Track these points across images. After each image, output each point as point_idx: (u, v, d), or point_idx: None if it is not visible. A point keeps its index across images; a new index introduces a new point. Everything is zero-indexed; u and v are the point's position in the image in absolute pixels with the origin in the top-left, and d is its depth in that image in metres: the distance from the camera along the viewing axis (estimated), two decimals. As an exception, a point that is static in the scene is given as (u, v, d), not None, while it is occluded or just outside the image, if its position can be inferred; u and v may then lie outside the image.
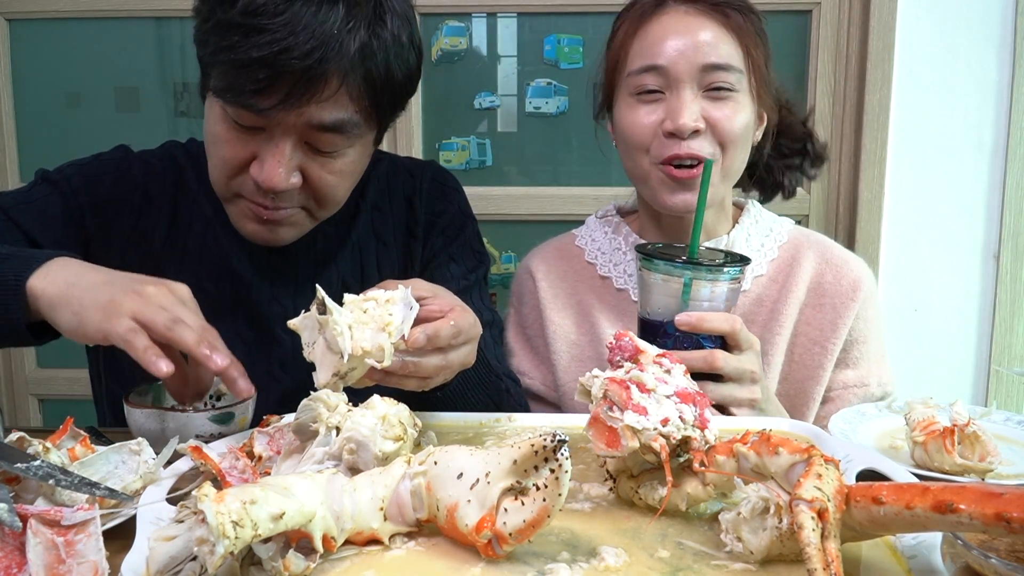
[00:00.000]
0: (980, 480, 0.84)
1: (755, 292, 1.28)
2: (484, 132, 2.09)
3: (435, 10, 2.02)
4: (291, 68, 0.95)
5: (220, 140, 1.04)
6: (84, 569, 0.64)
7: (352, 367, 0.83)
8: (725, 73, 1.15)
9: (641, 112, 1.18)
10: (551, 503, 0.64)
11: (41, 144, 2.14)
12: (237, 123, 1.02)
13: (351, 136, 1.04)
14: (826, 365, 1.25)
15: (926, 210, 1.96)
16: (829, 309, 1.26)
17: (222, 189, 1.10)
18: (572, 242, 1.39)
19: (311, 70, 0.95)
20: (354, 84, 1.00)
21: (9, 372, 2.25)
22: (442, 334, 0.88)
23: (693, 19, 1.16)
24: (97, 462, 0.81)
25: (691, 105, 1.14)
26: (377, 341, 0.83)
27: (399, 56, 1.03)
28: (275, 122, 1.00)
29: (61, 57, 2.12)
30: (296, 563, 0.63)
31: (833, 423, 0.99)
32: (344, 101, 1.00)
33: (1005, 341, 1.98)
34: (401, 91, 1.07)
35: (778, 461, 0.66)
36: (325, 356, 0.84)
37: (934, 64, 1.92)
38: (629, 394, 0.75)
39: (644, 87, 1.17)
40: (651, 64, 1.16)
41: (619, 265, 1.33)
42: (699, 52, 1.14)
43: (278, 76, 0.95)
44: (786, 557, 0.66)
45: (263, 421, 0.88)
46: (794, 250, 1.30)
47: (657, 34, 1.17)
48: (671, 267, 1.00)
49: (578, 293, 1.33)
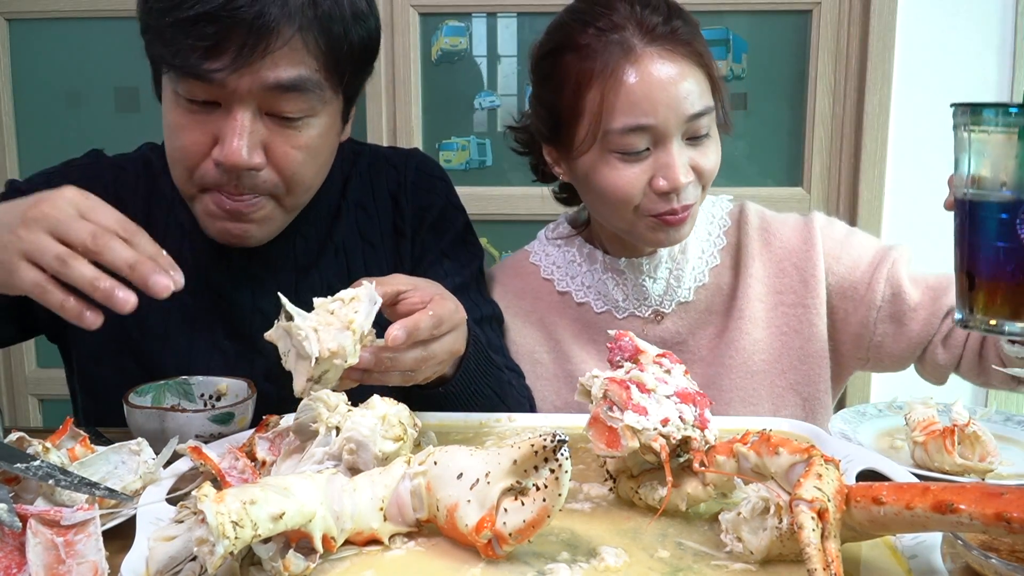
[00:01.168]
0: (980, 480, 0.84)
1: (719, 283, 1.25)
2: (484, 132, 2.09)
3: (435, 10, 2.03)
4: (238, 19, 0.90)
5: (177, 128, 0.99)
6: (84, 569, 0.64)
7: (324, 369, 0.82)
8: (707, 118, 1.12)
9: (627, 172, 1.10)
10: (551, 503, 0.64)
11: (41, 144, 2.14)
12: (191, 102, 0.97)
13: (312, 99, 0.99)
14: (816, 322, 1.22)
15: (926, 210, 1.96)
16: (791, 269, 1.24)
17: (185, 184, 1.03)
18: (526, 260, 1.33)
19: (259, 18, 0.91)
20: (308, 37, 0.95)
21: (9, 372, 2.25)
22: (422, 326, 0.85)
23: (669, 66, 1.09)
24: (97, 462, 0.81)
25: (681, 161, 1.10)
26: (340, 340, 0.82)
27: (353, 9, 0.99)
28: (230, 91, 0.95)
29: (61, 57, 2.12)
30: (296, 563, 0.63)
31: (833, 423, 0.99)
32: (299, 55, 0.96)
33: (1005, 341, 1.98)
34: (360, 51, 1.03)
35: (778, 461, 0.66)
36: (298, 363, 0.83)
37: (934, 64, 1.92)
38: (629, 394, 0.75)
39: (633, 148, 1.09)
40: (639, 124, 1.08)
41: (576, 278, 1.28)
42: (684, 104, 1.09)
43: (225, 31, 0.91)
44: (786, 557, 0.67)
45: (263, 422, 0.89)
46: (736, 231, 1.28)
47: (640, 90, 1.08)
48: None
49: (538, 311, 1.28)
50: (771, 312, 1.24)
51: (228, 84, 0.94)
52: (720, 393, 1.21)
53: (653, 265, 1.24)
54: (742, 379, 1.22)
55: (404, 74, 2.02)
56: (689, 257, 1.25)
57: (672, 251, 1.24)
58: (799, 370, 1.23)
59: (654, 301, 1.24)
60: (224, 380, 1.04)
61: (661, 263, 1.24)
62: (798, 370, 1.23)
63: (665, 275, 1.24)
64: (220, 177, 0.99)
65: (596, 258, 1.27)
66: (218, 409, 0.94)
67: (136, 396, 0.98)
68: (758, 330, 1.23)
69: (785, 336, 1.24)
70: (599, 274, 1.26)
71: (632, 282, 1.24)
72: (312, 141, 1.02)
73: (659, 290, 1.24)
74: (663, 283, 1.24)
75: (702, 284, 1.25)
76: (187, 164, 1.00)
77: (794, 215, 1.30)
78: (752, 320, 1.23)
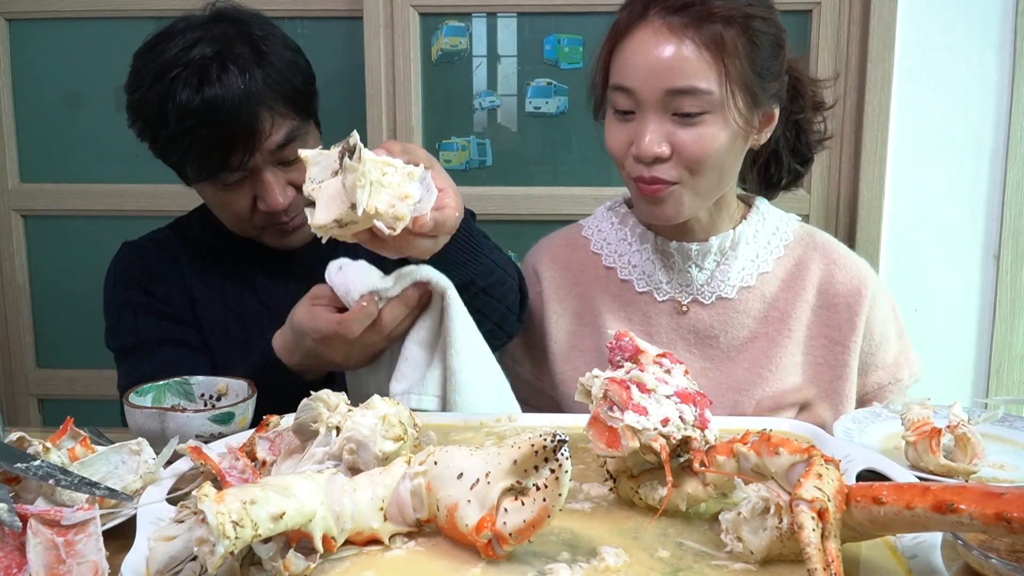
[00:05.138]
0: (965, 481, 0.84)
1: (764, 291, 1.28)
2: (484, 132, 2.08)
3: (435, 10, 2.02)
4: (235, 128, 1.17)
5: (223, 204, 1.28)
6: (84, 569, 0.64)
7: (354, 220, 0.84)
8: (691, 98, 1.11)
9: (616, 129, 1.18)
10: (551, 503, 0.64)
11: (41, 144, 2.14)
12: (227, 185, 1.24)
13: (303, 139, 1.26)
14: (850, 362, 1.26)
15: (926, 210, 1.96)
16: (843, 308, 1.27)
17: (247, 231, 1.31)
18: (579, 232, 1.39)
19: (248, 116, 1.18)
20: (277, 104, 1.22)
21: (9, 372, 2.24)
22: (447, 225, 0.95)
23: (668, 37, 1.11)
24: (97, 462, 0.81)
25: (654, 131, 1.12)
26: (392, 208, 0.85)
27: (288, 66, 1.25)
28: (250, 168, 1.22)
29: (61, 57, 2.12)
30: (296, 563, 0.63)
31: (840, 424, 0.99)
32: (280, 118, 1.22)
33: (1005, 341, 1.98)
34: (306, 86, 1.28)
35: (778, 461, 0.66)
36: (333, 199, 0.84)
37: (934, 64, 1.92)
38: (629, 394, 0.75)
39: (619, 106, 1.17)
40: (621, 85, 1.15)
41: (624, 256, 1.32)
42: (665, 76, 1.11)
43: (230, 139, 1.18)
44: (786, 557, 0.67)
45: (263, 422, 0.88)
46: (800, 251, 1.31)
47: (630, 52, 1.14)
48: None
49: (581, 284, 1.34)
50: (812, 341, 1.27)
51: (248, 165, 1.21)
52: (748, 400, 1.23)
53: (702, 253, 1.26)
54: (771, 397, 1.23)
55: (404, 74, 2.01)
56: (739, 255, 1.27)
57: (723, 244, 1.27)
58: (822, 402, 1.25)
59: (696, 289, 1.27)
60: (224, 380, 1.04)
61: (710, 253, 1.27)
62: (822, 402, 1.24)
63: (712, 267, 1.27)
64: (270, 218, 1.27)
65: (648, 239, 1.30)
66: (218, 409, 0.94)
67: (136, 396, 0.98)
68: (798, 354, 1.26)
69: (819, 367, 1.27)
70: (648, 254, 1.30)
71: (679, 267, 1.28)
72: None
73: (703, 279, 1.27)
74: (708, 273, 1.27)
75: (748, 286, 1.27)
76: (242, 222, 1.29)
77: (860, 258, 1.34)
78: (796, 343, 1.26)
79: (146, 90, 1.20)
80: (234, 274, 1.36)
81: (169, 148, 1.22)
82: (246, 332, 1.32)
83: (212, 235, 1.38)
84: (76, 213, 2.14)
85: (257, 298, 1.35)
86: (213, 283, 1.35)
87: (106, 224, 2.11)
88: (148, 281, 1.34)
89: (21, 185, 2.13)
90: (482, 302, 1.14)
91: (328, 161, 0.85)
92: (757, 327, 1.27)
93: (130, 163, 2.12)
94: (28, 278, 2.19)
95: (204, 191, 1.29)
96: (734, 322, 1.27)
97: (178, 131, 1.17)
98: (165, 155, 1.25)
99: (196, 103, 1.16)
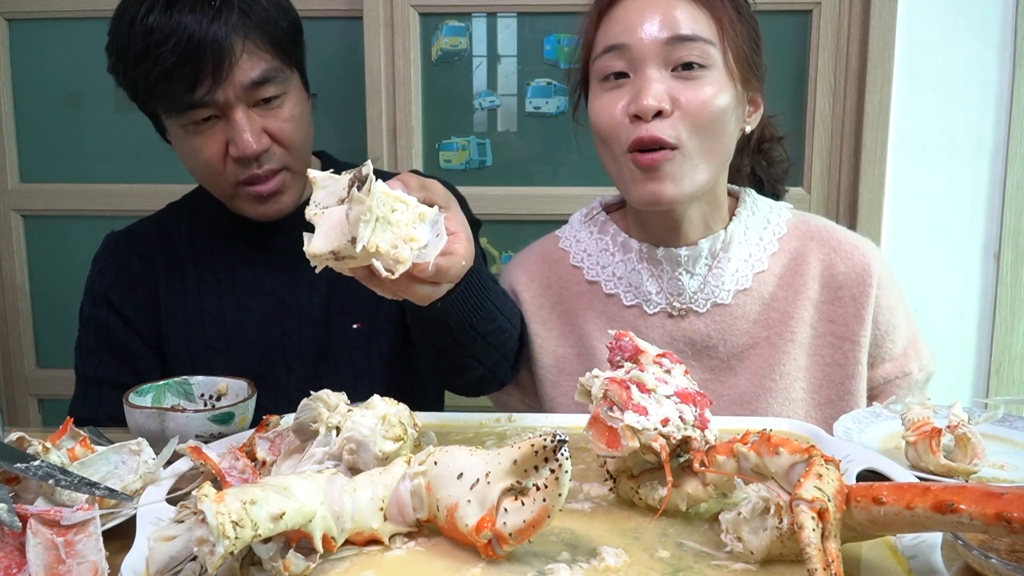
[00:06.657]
0: (965, 481, 0.84)
1: (762, 292, 1.19)
2: (484, 132, 2.08)
3: (435, 10, 2.02)
4: (203, 52, 1.12)
5: (195, 150, 1.20)
6: (84, 569, 0.64)
7: (352, 255, 0.78)
8: (692, 44, 1.06)
9: (607, 98, 1.10)
10: (551, 503, 0.64)
11: (41, 144, 2.14)
12: (196, 124, 1.17)
13: (280, 81, 1.20)
14: (861, 359, 1.18)
15: (926, 210, 1.96)
16: (849, 301, 1.18)
17: (221, 187, 1.24)
18: (556, 244, 1.29)
19: (216, 44, 1.12)
20: (255, 39, 1.16)
21: (9, 372, 2.25)
22: (451, 274, 0.91)
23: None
24: (97, 462, 0.81)
25: (656, 84, 1.05)
26: (395, 250, 0.80)
27: (275, 5, 1.20)
28: (221, 103, 1.15)
29: (61, 57, 2.12)
30: (296, 563, 0.63)
31: (841, 423, 0.98)
32: (255, 55, 1.16)
33: (1005, 341, 1.98)
34: (292, 31, 1.23)
35: (778, 461, 0.66)
36: (334, 228, 0.78)
37: (934, 64, 1.92)
38: (629, 394, 0.75)
39: (610, 70, 1.09)
40: (614, 44, 1.08)
41: (607, 267, 1.23)
42: (664, 26, 1.06)
43: (198, 65, 1.12)
44: (786, 557, 0.67)
45: (263, 422, 0.88)
46: (796, 242, 1.21)
47: (622, 14, 1.10)
48: None
49: (564, 302, 1.24)
50: (819, 340, 1.19)
51: (218, 99, 1.15)
52: (754, 413, 1.17)
53: (692, 258, 1.17)
54: (780, 405, 1.17)
55: (404, 74, 2.02)
56: (732, 256, 1.18)
57: (713, 247, 1.18)
58: (836, 405, 1.18)
59: (688, 297, 1.18)
60: (224, 380, 1.04)
61: (700, 257, 1.17)
62: (835, 405, 1.18)
63: (703, 271, 1.18)
64: (244, 169, 1.19)
65: (631, 247, 1.21)
66: (218, 409, 0.94)
67: (136, 396, 0.98)
68: (804, 357, 1.19)
69: (828, 368, 1.19)
70: (633, 264, 1.21)
71: (668, 275, 1.19)
72: (294, 111, 1.22)
73: (695, 286, 1.18)
74: (700, 279, 1.18)
75: (744, 288, 1.19)
76: (215, 172, 1.21)
77: (862, 239, 1.24)
78: (801, 346, 1.18)
79: (119, 18, 1.16)
80: (212, 277, 1.31)
81: (136, 74, 1.14)
82: (224, 334, 1.29)
83: (197, 232, 1.34)
84: (76, 213, 2.14)
85: (237, 300, 1.31)
86: (189, 288, 1.31)
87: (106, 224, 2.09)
88: (119, 297, 1.31)
89: (21, 185, 2.13)
90: (478, 347, 1.09)
91: (336, 187, 0.79)
92: (757, 332, 1.18)
93: (130, 163, 2.13)
94: (28, 278, 2.20)
95: (176, 139, 1.22)
96: (733, 329, 1.18)
97: (143, 49, 1.11)
98: (134, 87, 1.18)
99: (163, 21, 1.11)
